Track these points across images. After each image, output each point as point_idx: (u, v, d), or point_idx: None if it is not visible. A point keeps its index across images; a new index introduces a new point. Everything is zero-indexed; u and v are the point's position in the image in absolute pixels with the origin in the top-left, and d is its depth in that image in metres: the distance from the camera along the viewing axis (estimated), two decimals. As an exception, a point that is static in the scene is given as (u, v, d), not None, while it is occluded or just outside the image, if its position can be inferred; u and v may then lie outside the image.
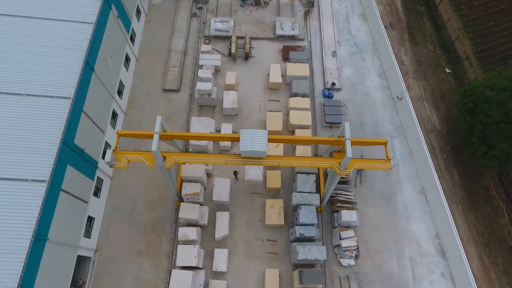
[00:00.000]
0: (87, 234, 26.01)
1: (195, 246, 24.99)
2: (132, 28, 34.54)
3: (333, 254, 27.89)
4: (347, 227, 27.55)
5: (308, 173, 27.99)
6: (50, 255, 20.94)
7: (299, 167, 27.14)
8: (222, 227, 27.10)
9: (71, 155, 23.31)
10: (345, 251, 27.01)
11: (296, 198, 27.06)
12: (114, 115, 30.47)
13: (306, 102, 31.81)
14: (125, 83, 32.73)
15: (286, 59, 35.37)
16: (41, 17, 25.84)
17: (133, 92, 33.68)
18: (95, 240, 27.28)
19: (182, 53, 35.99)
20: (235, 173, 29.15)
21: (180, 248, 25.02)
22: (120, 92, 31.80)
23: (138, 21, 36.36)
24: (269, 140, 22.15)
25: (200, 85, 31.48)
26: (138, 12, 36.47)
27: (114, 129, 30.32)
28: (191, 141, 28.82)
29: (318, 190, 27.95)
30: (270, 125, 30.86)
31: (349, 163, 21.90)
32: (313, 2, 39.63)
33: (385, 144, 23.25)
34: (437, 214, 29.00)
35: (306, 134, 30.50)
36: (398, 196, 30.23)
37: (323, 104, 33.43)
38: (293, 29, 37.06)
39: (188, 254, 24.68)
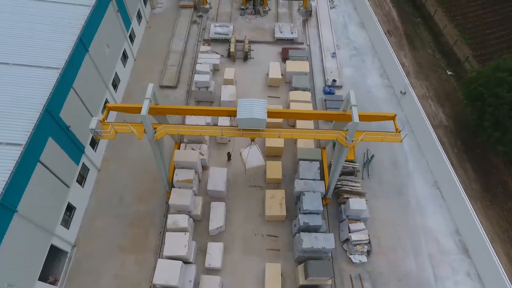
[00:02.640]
0: (66, 224, 23.23)
1: (185, 234, 22.06)
2: (132, 28, 34.73)
3: (342, 251, 24.73)
4: (357, 220, 24.77)
5: (311, 160, 25.92)
6: (17, 232, 18.22)
7: (301, 138, 25.28)
8: (217, 218, 24.32)
9: (55, 128, 21.56)
10: (356, 245, 23.93)
11: (298, 185, 24.65)
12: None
13: (306, 96, 30.70)
14: (121, 78, 31.99)
15: (285, 59, 35.02)
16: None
17: (129, 88, 32.82)
18: (75, 233, 24.36)
19: (181, 54, 35.80)
20: (229, 154, 27.11)
21: (169, 235, 22.08)
22: (115, 86, 30.90)
23: (139, 24, 36.73)
24: (269, 115, 20.50)
25: (198, 77, 30.65)
26: (139, 16, 37.03)
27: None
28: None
29: (322, 178, 25.62)
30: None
31: (356, 133, 20.12)
32: (311, 12, 40.51)
33: (393, 118, 21.62)
34: (455, 209, 26.34)
35: (308, 125, 28.90)
36: (410, 189, 27.77)
37: (325, 100, 32.32)
38: (292, 33, 37.32)
39: (177, 242, 21.67)
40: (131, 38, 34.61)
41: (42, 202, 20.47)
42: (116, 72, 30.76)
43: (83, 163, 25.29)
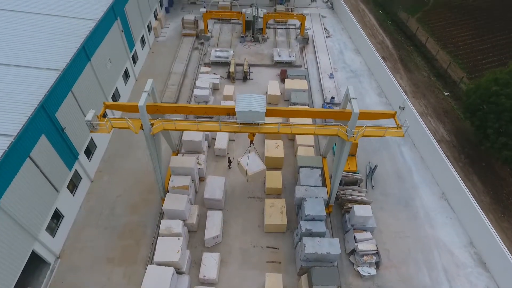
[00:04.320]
0: (51, 232, 21.68)
1: (179, 239, 20.43)
2: (135, 51, 35.92)
3: (348, 264, 22.77)
4: (363, 230, 23.20)
5: (312, 167, 25.03)
6: (-3, 227, 16.87)
7: (300, 134, 24.92)
8: (213, 227, 22.76)
9: (49, 126, 21.07)
10: (363, 256, 22.09)
11: (300, 192, 23.48)
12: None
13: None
14: (121, 94, 32.31)
15: (284, 79, 35.64)
16: (50, 14, 26.84)
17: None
18: (60, 243, 22.65)
19: (181, 75, 36.57)
20: (229, 160, 26.23)
21: (161, 240, 20.44)
22: (115, 101, 31.04)
23: (142, 48, 38.06)
24: (268, 113, 20.21)
25: (197, 92, 30.92)
26: (143, 42, 38.52)
27: (103, 131, 28.50)
28: (184, 138, 26.82)
29: (324, 185, 24.51)
30: (269, 129, 29.10)
31: (356, 128, 19.64)
32: (308, 39, 42.23)
33: (393, 115, 21.28)
34: (467, 221, 24.84)
35: (308, 138, 28.50)
36: (417, 201, 26.44)
37: (324, 114, 32.22)
38: (290, 56, 38.49)
39: (169, 248, 19.97)
40: (134, 59, 35.60)
41: (28, 201, 19.24)
42: (116, 88, 31.12)
43: (75, 170, 24.38)
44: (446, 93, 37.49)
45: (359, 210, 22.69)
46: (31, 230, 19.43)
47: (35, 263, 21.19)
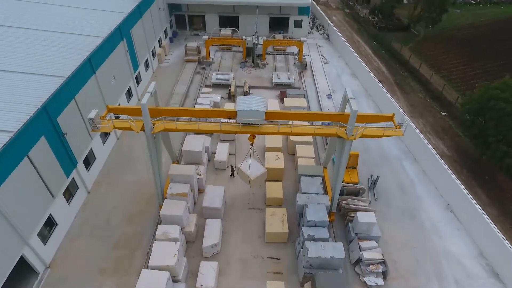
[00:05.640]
0: (43, 238, 20.82)
1: (176, 243, 19.53)
2: (139, 72, 37.09)
3: (354, 275, 21.56)
4: (367, 239, 22.32)
5: (313, 176, 24.70)
6: (-13, 223, 16.25)
7: (300, 135, 24.90)
8: (211, 235, 21.89)
9: (50, 129, 21.14)
10: (369, 265, 21.00)
11: (301, 199, 22.92)
12: (106, 133, 29.20)
13: (305, 124, 30.92)
14: (123, 111, 32.74)
15: (284, 98, 36.34)
16: (60, 31, 28.14)
17: (129, 121, 33.18)
18: (51, 252, 21.63)
19: (183, 96, 37.41)
20: (232, 168, 25.87)
21: (157, 244, 19.53)
22: (117, 117, 31.37)
23: (146, 71, 39.32)
24: (267, 116, 20.44)
25: (198, 107, 31.36)
26: (147, 65, 39.91)
27: (103, 145, 28.55)
28: (184, 148, 26.81)
29: (326, 192, 24.01)
30: (269, 143, 29.20)
31: (355, 126, 19.74)
32: (306, 65, 43.79)
33: (392, 118, 21.41)
34: (476, 231, 24.00)
35: (308, 151, 28.50)
36: (421, 213, 25.72)
37: (324, 131, 32.47)
38: (289, 79, 39.67)
39: (165, 252, 19.02)
40: (137, 80, 36.63)
41: (22, 201, 18.72)
42: (119, 104, 31.63)
43: (73, 178, 24.01)
44: (443, 113, 38.07)
45: (363, 217, 21.99)
46: (22, 232, 18.66)
47: (23, 272, 20.09)
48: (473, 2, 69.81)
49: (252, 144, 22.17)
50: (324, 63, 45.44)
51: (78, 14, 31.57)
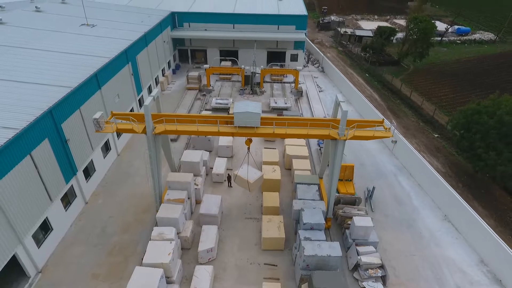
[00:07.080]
0: (38, 241, 20.64)
1: (171, 242, 19.35)
2: (142, 96, 38.79)
3: (352, 281, 21.01)
4: (365, 244, 22.09)
5: (309, 184, 25.01)
6: (-16, 214, 16.41)
7: (294, 137, 25.08)
8: (207, 240, 21.67)
9: (53, 133, 21.95)
10: (367, 270, 20.58)
11: (297, 205, 23.02)
12: (107, 146, 29.97)
13: (301, 141, 31.86)
14: (125, 129, 33.78)
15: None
16: (71, 52, 30.14)
17: (131, 139, 34.04)
18: (44, 257, 21.27)
19: (183, 118, 38.65)
20: (229, 178, 26.06)
21: (152, 243, 19.33)
22: (119, 135, 32.36)
23: (148, 95, 41.04)
24: (262, 122, 21.50)
25: (197, 125, 32.39)
26: (150, 91, 41.77)
27: (104, 158, 29.18)
28: (183, 159, 27.40)
29: (322, 199, 24.14)
30: (266, 157, 29.87)
31: (346, 126, 20.67)
32: (302, 92, 45.78)
33: (381, 122, 22.34)
34: (475, 239, 23.72)
35: (304, 164, 29.05)
36: (419, 222, 25.61)
37: (320, 147, 33.31)
38: (285, 103, 41.32)
39: (160, 250, 18.79)
40: (140, 103, 38.18)
41: (21, 197, 18.93)
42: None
43: (72, 186, 24.31)
44: (436, 135, 39.12)
45: (359, 221, 21.97)
46: (17, 229, 18.65)
47: (13, 276, 19.67)
48: (458, 42, 74.39)
49: (248, 148, 22.83)
50: (319, 91, 47.49)
51: (89, 40, 33.92)
